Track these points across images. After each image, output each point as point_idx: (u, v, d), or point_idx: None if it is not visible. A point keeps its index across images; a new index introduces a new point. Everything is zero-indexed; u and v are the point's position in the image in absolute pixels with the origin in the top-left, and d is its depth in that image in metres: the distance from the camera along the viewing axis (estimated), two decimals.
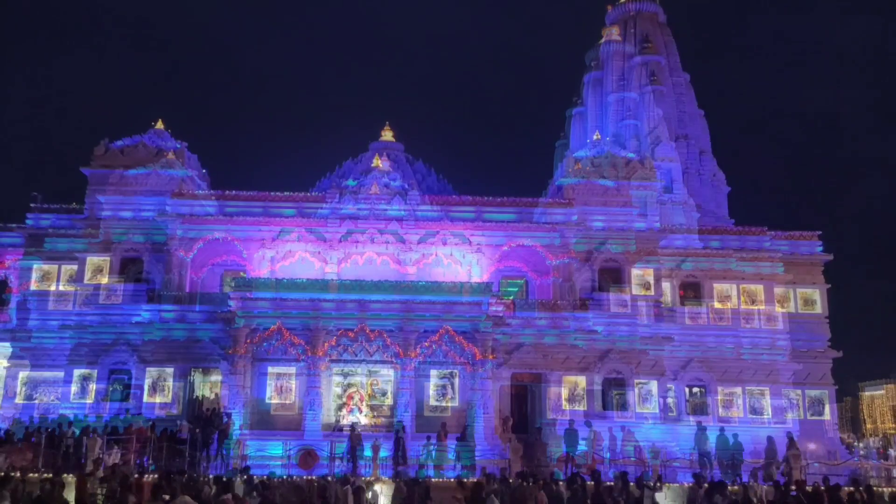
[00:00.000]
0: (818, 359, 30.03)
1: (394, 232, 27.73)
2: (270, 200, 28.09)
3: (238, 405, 24.04)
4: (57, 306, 27.93)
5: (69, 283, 28.14)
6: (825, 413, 29.80)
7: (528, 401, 26.99)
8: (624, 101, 36.77)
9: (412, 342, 24.73)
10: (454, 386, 25.80)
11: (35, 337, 27.76)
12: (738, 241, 30.33)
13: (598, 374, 26.93)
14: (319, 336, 24.59)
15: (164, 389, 25.68)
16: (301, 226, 27.71)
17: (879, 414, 36.46)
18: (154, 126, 30.00)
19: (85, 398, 26.09)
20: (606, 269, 28.38)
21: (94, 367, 26.39)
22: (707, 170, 35.97)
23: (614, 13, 39.10)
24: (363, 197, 28.14)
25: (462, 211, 28.27)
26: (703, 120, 37.71)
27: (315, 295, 24.92)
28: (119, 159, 28.48)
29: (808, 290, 30.85)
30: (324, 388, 25.01)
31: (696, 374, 28.99)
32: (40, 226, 29.00)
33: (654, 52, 36.55)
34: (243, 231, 27.72)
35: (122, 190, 28.23)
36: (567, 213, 28.17)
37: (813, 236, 31.51)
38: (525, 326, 26.44)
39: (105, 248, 27.48)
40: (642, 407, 27.23)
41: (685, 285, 29.81)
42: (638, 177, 29.40)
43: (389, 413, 25.34)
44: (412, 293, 25.19)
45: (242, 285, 25.12)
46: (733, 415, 28.86)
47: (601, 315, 27.37)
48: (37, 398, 27.28)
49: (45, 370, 27.49)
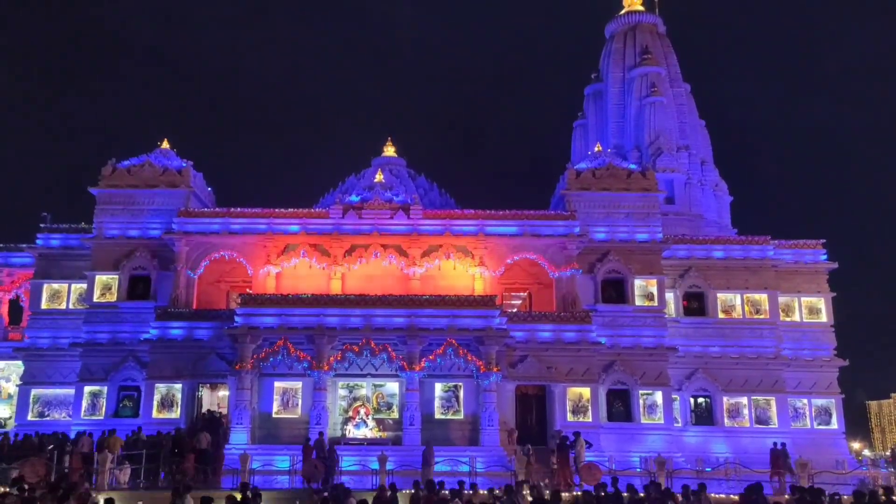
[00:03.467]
0: (824, 368, 29.96)
1: (397, 246, 28.01)
2: (275, 217, 28.45)
3: (245, 420, 24.32)
4: (67, 325, 28.41)
5: (79, 302, 28.64)
6: (832, 422, 29.65)
7: (533, 412, 27.05)
8: (625, 112, 37.02)
9: (417, 355, 24.92)
10: (459, 398, 25.89)
11: (46, 355, 28.26)
12: (742, 250, 30.32)
13: (603, 385, 27.05)
14: (325, 351, 24.84)
15: (172, 405, 26.01)
16: (305, 242, 28.07)
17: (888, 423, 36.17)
18: (160, 146, 30.51)
19: (95, 414, 26.54)
20: (609, 281, 28.53)
21: (104, 384, 26.90)
22: (709, 180, 36.03)
23: (614, 25, 39.33)
24: (366, 212, 28.47)
25: (464, 225, 28.48)
26: (705, 130, 37.82)
27: (320, 310, 25.24)
28: (126, 179, 28.98)
29: (813, 299, 30.79)
30: (330, 402, 25.24)
31: (700, 384, 29.02)
32: (50, 245, 29.52)
33: (654, 63, 36.76)
34: (248, 248, 28.13)
35: (129, 209, 28.75)
36: (569, 226, 28.34)
37: (817, 245, 31.46)
38: (529, 338, 26.55)
39: (113, 266, 27.96)
40: (647, 417, 27.27)
41: (689, 296, 29.86)
42: (640, 188, 29.51)
43: (395, 426, 25.49)
44: (416, 307, 25.44)
45: (248, 301, 25.48)
46: (739, 424, 28.85)
47: (605, 326, 27.51)
48: (48, 415, 27.70)
49: (57, 387, 28.03)
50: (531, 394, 26.68)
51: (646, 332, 27.93)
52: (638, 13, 39.14)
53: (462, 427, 25.42)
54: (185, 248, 27.81)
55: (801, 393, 29.65)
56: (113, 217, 28.61)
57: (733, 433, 28.57)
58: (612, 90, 37.32)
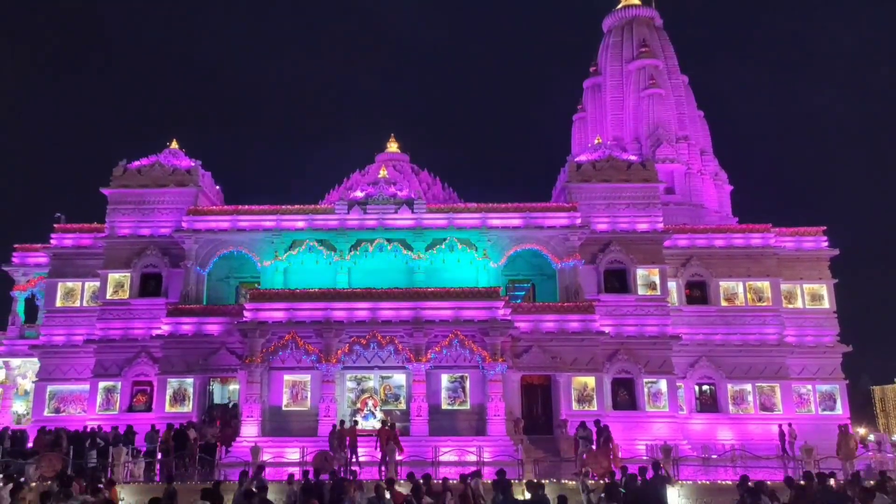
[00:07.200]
0: (827, 354, 30.12)
1: (401, 240, 28.45)
2: (282, 214, 28.96)
3: (255, 413, 24.85)
4: (81, 322, 29.04)
5: (92, 300, 29.28)
6: (837, 408, 29.81)
7: (538, 402, 27.39)
8: (623, 104, 37.30)
9: (423, 347, 25.33)
10: (466, 389, 26.22)
11: (61, 352, 28.90)
12: (743, 238, 30.53)
13: (607, 375, 27.31)
14: (332, 344, 25.31)
15: (184, 399, 26.57)
16: (312, 237, 28.55)
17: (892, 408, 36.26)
18: (169, 146, 31.09)
19: (110, 409, 27.16)
20: (612, 271, 28.82)
21: (118, 380, 27.51)
22: (709, 169, 36.24)
23: (611, 19, 39.60)
24: (371, 208, 28.94)
25: (468, 218, 28.86)
26: (704, 121, 38.02)
27: (327, 304, 25.75)
28: (136, 179, 29.57)
29: (815, 286, 30.95)
30: (338, 394, 25.67)
31: (705, 371, 29.24)
32: (64, 245, 30.13)
33: (652, 55, 37.01)
34: (256, 244, 28.67)
35: (140, 208, 29.36)
36: (571, 217, 28.68)
37: (818, 232, 31.62)
38: (533, 329, 26.85)
39: (125, 264, 28.57)
40: (652, 405, 27.55)
41: (691, 284, 30.10)
42: (640, 179, 29.79)
43: (403, 417, 25.90)
44: (421, 300, 25.89)
45: (257, 297, 26.01)
46: (744, 411, 29.08)
47: (608, 316, 27.83)
48: (64, 410, 28.34)
49: (72, 383, 28.65)
50: (536, 383, 26.97)
51: (649, 321, 28.18)
52: (635, 7, 39.41)
53: (468, 417, 25.74)
54: (195, 245, 28.38)
55: (805, 379, 29.82)
56: (124, 216, 29.22)
57: (738, 420, 28.78)
58: (611, 83, 37.61)
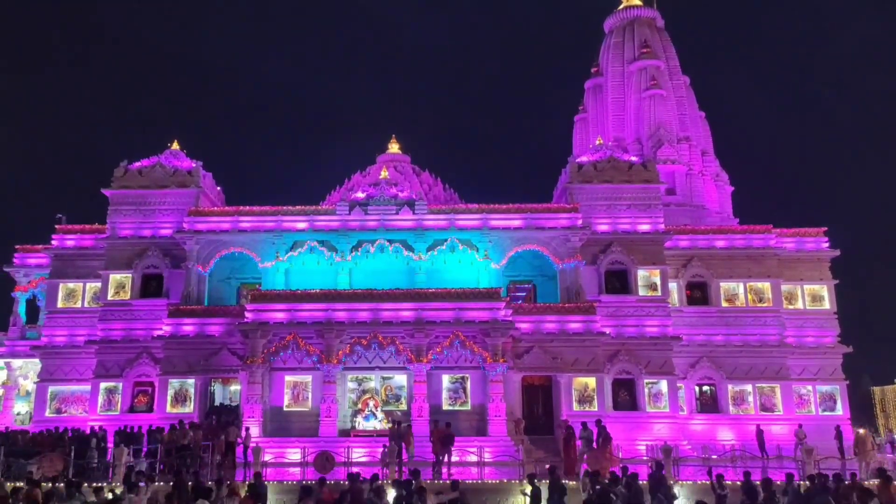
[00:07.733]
0: (828, 354, 30.15)
1: (403, 241, 28.48)
2: (283, 215, 28.97)
3: (257, 413, 24.88)
4: (83, 323, 29.08)
5: (94, 301, 29.31)
6: (838, 408, 29.83)
7: (539, 402, 27.43)
8: (625, 105, 37.31)
9: (424, 348, 25.36)
10: (466, 389, 26.24)
11: (63, 353, 28.94)
12: (744, 239, 30.56)
13: (608, 375, 27.32)
14: (333, 345, 25.34)
15: (185, 400, 26.61)
16: (313, 238, 28.58)
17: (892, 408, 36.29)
18: (170, 147, 31.09)
19: (111, 410, 27.20)
20: (613, 272, 28.85)
21: (119, 380, 27.56)
22: (710, 170, 36.26)
23: (612, 20, 39.64)
24: (372, 208, 28.97)
25: (469, 218, 28.89)
26: (705, 121, 38.06)
27: (328, 305, 25.79)
28: (137, 180, 29.58)
29: (816, 287, 30.97)
30: (339, 394, 25.70)
31: (705, 372, 29.27)
32: (65, 246, 30.16)
33: (653, 56, 37.04)
34: (257, 245, 28.69)
35: (141, 209, 29.38)
36: (572, 218, 28.70)
37: (819, 232, 31.65)
38: (534, 330, 26.89)
39: (127, 265, 28.60)
40: (653, 406, 27.58)
41: (691, 285, 30.12)
42: (641, 180, 29.81)
43: (404, 418, 25.90)
44: (423, 300, 25.92)
45: (258, 298, 26.05)
46: (745, 412, 29.11)
47: (609, 317, 27.85)
48: (66, 411, 28.38)
49: (73, 384, 28.71)
50: (537, 384, 27.01)
51: (650, 321, 28.22)
52: (636, 7, 39.44)
53: (469, 418, 25.73)
54: (196, 246, 28.41)
55: (806, 380, 29.86)
56: (125, 217, 29.24)
57: (739, 420, 28.81)
58: (612, 84, 37.64)
